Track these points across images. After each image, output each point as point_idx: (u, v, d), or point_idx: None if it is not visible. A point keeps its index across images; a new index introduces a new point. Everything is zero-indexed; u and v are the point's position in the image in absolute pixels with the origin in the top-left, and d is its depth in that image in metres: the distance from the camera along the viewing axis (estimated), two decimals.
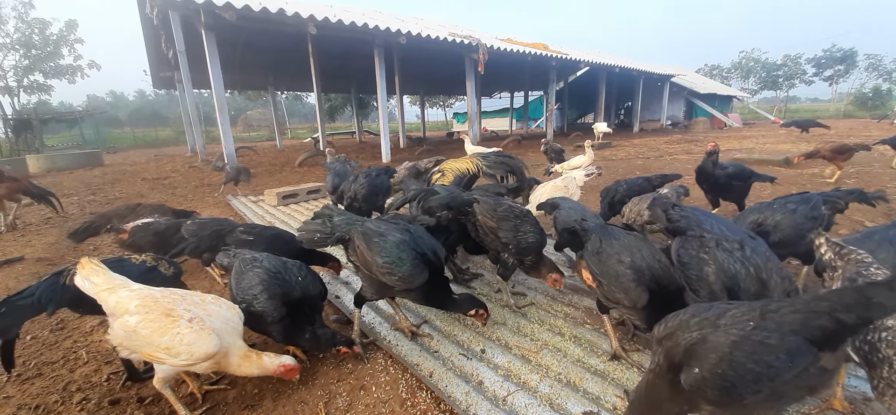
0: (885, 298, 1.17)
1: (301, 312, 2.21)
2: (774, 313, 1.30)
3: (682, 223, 2.32)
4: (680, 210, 2.43)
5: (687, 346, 1.35)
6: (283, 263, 2.32)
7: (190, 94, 11.30)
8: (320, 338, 2.22)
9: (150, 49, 13.74)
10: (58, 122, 27.36)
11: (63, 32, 28.23)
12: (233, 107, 48.96)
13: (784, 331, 1.26)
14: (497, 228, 2.65)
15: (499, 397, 1.99)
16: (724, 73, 49.21)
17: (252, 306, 2.11)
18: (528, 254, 2.64)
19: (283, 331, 2.17)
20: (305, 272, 2.34)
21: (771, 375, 1.23)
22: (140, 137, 32.14)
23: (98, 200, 8.20)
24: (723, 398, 1.29)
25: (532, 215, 2.75)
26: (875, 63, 43.22)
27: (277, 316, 2.11)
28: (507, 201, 2.81)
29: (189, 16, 8.03)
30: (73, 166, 14.24)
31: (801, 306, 1.28)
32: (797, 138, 13.97)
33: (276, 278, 2.18)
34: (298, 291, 2.22)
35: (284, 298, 2.14)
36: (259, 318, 2.13)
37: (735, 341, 1.28)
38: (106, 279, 1.89)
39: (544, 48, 14.86)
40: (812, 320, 1.24)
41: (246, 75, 17.89)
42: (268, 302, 2.10)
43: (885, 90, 34.69)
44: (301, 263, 2.43)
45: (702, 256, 1.89)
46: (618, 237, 2.16)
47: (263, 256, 2.33)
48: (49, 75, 28.85)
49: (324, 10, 9.66)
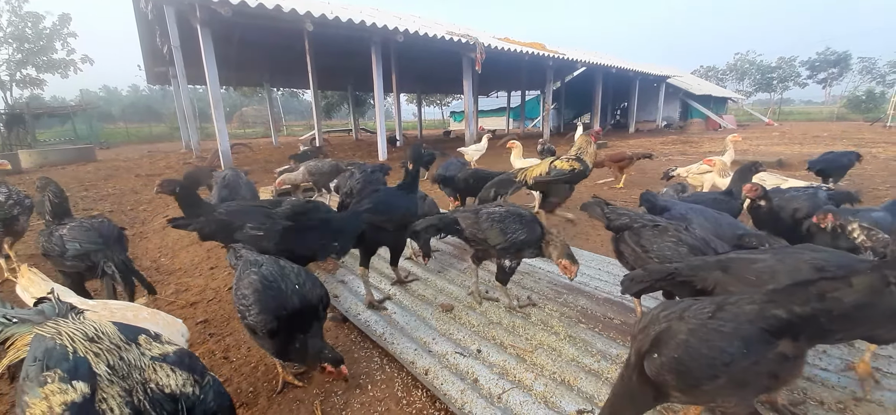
0: (841, 293, 1.25)
1: (298, 322, 1.99)
2: (732, 305, 1.38)
3: (625, 220, 2.50)
4: (614, 209, 2.62)
5: (654, 336, 1.43)
6: (282, 267, 2.11)
7: (184, 90, 11.18)
8: (307, 350, 2.00)
9: (144, 44, 13.60)
10: (50, 116, 26.99)
11: (56, 26, 27.88)
12: (228, 103, 48.62)
13: (740, 320, 1.34)
14: (486, 236, 2.65)
15: (494, 395, 2.00)
16: (720, 74, 49.50)
17: (245, 318, 1.95)
18: (525, 249, 2.62)
19: (275, 347, 1.99)
20: (304, 278, 2.11)
21: (725, 360, 1.31)
22: (133, 133, 31.86)
23: (91, 196, 8.13)
24: (681, 383, 1.37)
25: (518, 212, 2.68)
26: (869, 66, 43.64)
27: (268, 331, 1.91)
28: (486, 208, 2.74)
29: (184, 10, 7.97)
30: (65, 162, 14.09)
31: (758, 298, 1.37)
32: (791, 140, 14.10)
33: (271, 288, 1.97)
34: (296, 300, 1.99)
35: (277, 311, 1.92)
36: (253, 331, 1.99)
37: (691, 329, 1.37)
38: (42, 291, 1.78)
39: (541, 48, 14.89)
40: (768, 310, 1.32)
41: (242, 71, 17.79)
42: (258, 316, 1.90)
43: (879, 93, 35.01)
44: (301, 267, 2.23)
45: (668, 241, 2.19)
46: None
47: (263, 259, 2.14)
48: (42, 69, 28.48)
49: (321, 7, 9.62)
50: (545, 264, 3.65)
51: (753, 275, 1.54)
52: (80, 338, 1.32)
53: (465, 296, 3.04)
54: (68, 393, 1.15)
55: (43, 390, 1.15)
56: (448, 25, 15.08)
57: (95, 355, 1.28)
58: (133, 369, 1.29)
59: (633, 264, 2.40)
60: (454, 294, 3.09)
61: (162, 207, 6.40)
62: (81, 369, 1.22)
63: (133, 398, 1.22)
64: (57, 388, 1.16)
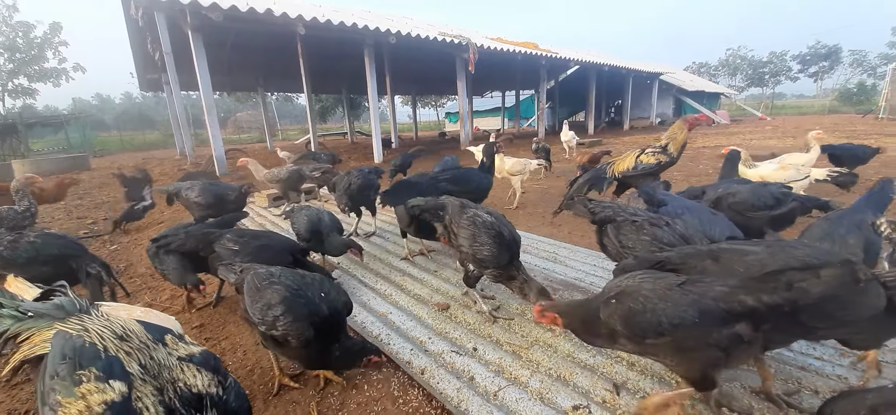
0: (808, 283, 1.30)
1: (329, 331, 1.98)
2: (706, 283, 1.48)
3: (608, 212, 2.53)
4: (598, 203, 2.66)
5: (622, 287, 1.63)
6: (302, 277, 2.11)
7: (177, 96, 11.14)
8: (351, 352, 2.02)
9: (135, 51, 13.55)
10: (43, 126, 26.92)
11: (47, 35, 27.71)
12: (222, 108, 48.46)
13: (706, 295, 1.44)
14: (458, 234, 2.65)
15: (490, 392, 2.00)
16: (712, 70, 49.90)
17: (274, 330, 1.89)
18: (481, 266, 2.56)
19: (310, 357, 1.98)
20: (328, 285, 2.13)
21: (674, 322, 1.42)
22: (127, 141, 31.68)
23: (85, 204, 8.09)
24: (626, 330, 1.54)
25: (499, 231, 2.53)
26: (859, 59, 44.09)
27: (305, 340, 1.88)
28: (474, 209, 2.71)
29: (175, 16, 7.96)
30: (59, 171, 13.97)
31: (732, 283, 1.45)
32: (783, 133, 14.19)
33: (299, 296, 1.95)
34: (325, 308, 1.97)
35: (311, 319, 1.90)
36: (282, 343, 1.93)
37: (655, 289, 1.52)
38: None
39: (534, 47, 14.94)
40: (737, 294, 1.40)
41: (235, 76, 17.75)
42: (292, 325, 1.86)
43: (870, 85, 35.32)
44: (322, 276, 2.28)
45: (643, 238, 2.27)
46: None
47: (278, 270, 2.12)
48: (33, 79, 28.30)
49: (312, 11, 9.62)
50: (541, 262, 3.66)
51: (743, 266, 1.55)
52: (109, 336, 1.30)
53: (460, 295, 3.04)
54: (107, 392, 1.13)
55: (79, 390, 1.12)
56: (440, 27, 15.11)
57: (126, 353, 1.27)
58: (162, 368, 1.29)
59: (615, 257, 2.43)
60: (450, 293, 3.10)
61: (157, 215, 6.36)
62: (116, 367, 1.21)
63: (165, 397, 1.22)
64: (94, 387, 1.13)
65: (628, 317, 1.53)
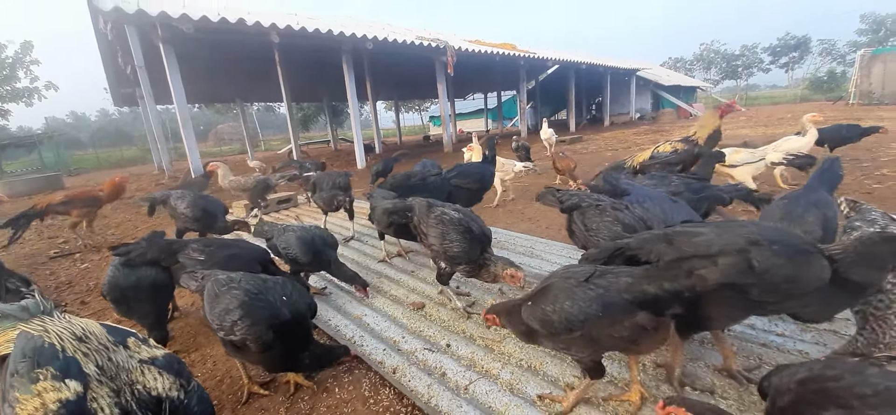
0: (707, 271, 1.37)
1: (293, 334, 1.94)
2: (613, 275, 1.55)
3: (575, 200, 2.60)
4: (565, 192, 2.74)
5: (539, 288, 1.70)
6: (264, 281, 2.05)
7: (152, 110, 10.99)
8: (321, 356, 2.02)
9: (107, 65, 13.26)
10: (16, 147, 26.11)
11: (18, 55, 26.91)
12: (202, 121, 47.72)
13: (610, 288, 1.50)
14: (427, 233, 2.66)
15: (460, 386, 2.01)
16: (688, 65, 51.02)
17: (232, 335, 1.84)
18: (453, 263, 2.57)
19: (272, 360, 1.93)
20: (290, 288, 2.08)
21: (581, 318, 1.50)
22: (104, 158, 30.92)
23: (57, 223, 7.83)
24: (543, 330, 1.62)
25: (468, 226, 2.54)
26: (828, 48, 45.59)
27: (264, 344, 1.84)
28: (441, 207, 2.72)
29: (145, 29, 7.81)
30: (32, 191, 13.62)
31: (635, 272, 1.52)
32: (756, 122, 14.58)
33: (258, 300, 1.91)
34: (286, 311, 1.94)
35: (271, 322, 1.86)
36: (241, 348, 1.88)
37: (564, 287, 1.58)
38: None
39: (512, 48, 15.09)
40: (639, 284, 1.47)
41: (212, 88, 17.50)
42: (250, 329, 1.82)
43: (840, 73, 36.51)
44: (285, 278, 2.23)
45: (606, 220, 2.35)
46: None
47: (239, 275, 2.06)
48: (5, 99, 27.48)
49: (286, 19, 9.56)
50: (517, 256, 3.67)
51: (691, 247, 1.58)
52: (68, 337, 1.33)
53: (436, 294, 3.04)
54: (62, 391, 1.16)
55: (36, 387, 1.15)
56: (418, 31, 15.16)
57: (84, 354, 1.30)
58: (121, 370, 1.31)
59: (583, 243, 2.48)
60: (426, 292, 3.09)
61: (130, 230, 6.23)
62: (72, 367, 1.23)
63: (121, 399, 1.24)
64: (50, 386, 1.16)
65: (542, 318, 1.60)
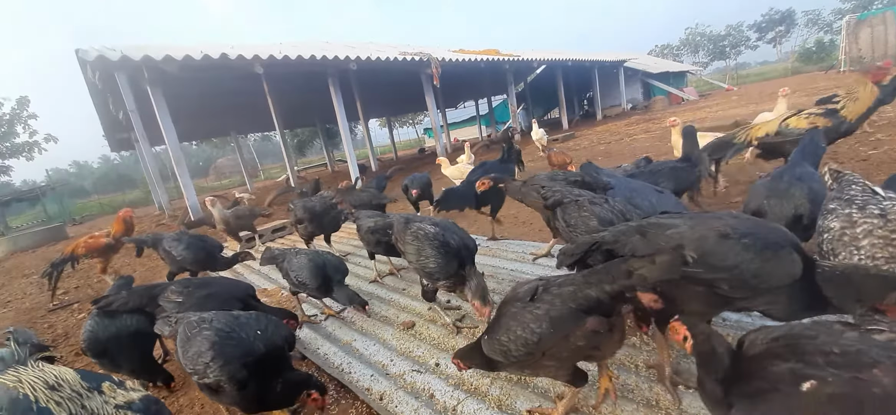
0: (646, 270, 1.35)
1: (268, 369, 1.90)
2: (556, 286, 1.53)
3: (557, 196, 2.57)
4: (549, 188, 2.70)
5: (493, 320, 1.71)
6: (235, 318, 2.02)
7: (148, 152, 11.03)
8: (292, 386, 1.93)
9: (101, 113, 13.45)
10: (19, 201, 26.39)
11: (15, 111, 27.38)
12: (201, 157, 48.15)
13: (554, 302, 1.47)
14: (405, 250, 2.65)
15: (448, 407, 1.98)
16: (675, 50, 51.18)
17: (206, 378, 1.80)
18: (432, 279, 2.54)
19: (248, 399, 1.85)
20: (264, 322, 2.06)
21: (534, 339, 1.48)
22: (107, 204, 31.18)
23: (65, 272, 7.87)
24: (505, 359, 1.60)
25: (445, 241, 2.47)
26: (814, 18, 45.60)
27: (238, 383, 1.79)
28: (418, 223, 2.68)
29: (133, 74, 7.91)
30: (35, 245, 13.72)
31: (577, 279, 1.50)
32: (748, 101, 14.53)
33: (229, 339, 1.87)
34: (260, 346, 1.90)
35: (244, 359, 1.82)
36: (217, 390, 1.84)
37: (512, 313, 1.58)
38: None
39: (496, 53, 15.19)
40: (582, 291, 1.45)
41: (206, 123, 17.66)
42: (223, 369, 1.77)
43: (828, 41, 36.39)
44: (258, 313, 2.21)
45: (583, 215, 2.32)
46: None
47: (212, 315, 2.03)
48: (5, 155, 27.89)
49: (269, 49, 9.65)
50: (508, 263, 3.66)
51: (664, 240, 1.56)
52: (41, 387, 1.35)
53: (426, 310, 3.01)
54: None
55: None
56: (401, 47, 15.27)
57: (57, 403, 1.32)
58: None
59: (566, 238, 2.46)
60: (416, 309, 3.07)
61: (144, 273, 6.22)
62: None
63: None
64: None
65: (501, 349, 1.60)
